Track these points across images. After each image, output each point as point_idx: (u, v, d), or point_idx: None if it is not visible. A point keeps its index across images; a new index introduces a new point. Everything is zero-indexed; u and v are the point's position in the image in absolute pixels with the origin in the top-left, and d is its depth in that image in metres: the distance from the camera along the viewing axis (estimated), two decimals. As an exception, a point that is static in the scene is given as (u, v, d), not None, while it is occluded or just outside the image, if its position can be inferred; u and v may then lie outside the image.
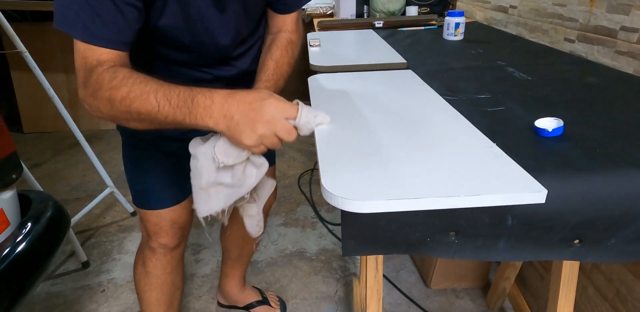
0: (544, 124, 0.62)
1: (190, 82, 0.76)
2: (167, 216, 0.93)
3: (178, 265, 1.03)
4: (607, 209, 0.52)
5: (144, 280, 1.00)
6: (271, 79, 0.75)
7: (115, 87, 0.57)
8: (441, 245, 0.54)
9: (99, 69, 0.59)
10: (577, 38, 1.10)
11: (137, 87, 0.57)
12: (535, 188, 0.46)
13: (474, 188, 0.45)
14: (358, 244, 0.54)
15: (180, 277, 1.06)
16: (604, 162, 0.53)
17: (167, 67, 0.77)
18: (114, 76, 0.58)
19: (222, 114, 0.55)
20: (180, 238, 0.98)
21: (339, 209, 0.46)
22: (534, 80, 0.87)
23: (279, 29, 0.82)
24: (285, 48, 0.79)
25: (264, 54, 0.79)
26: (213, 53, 0.76)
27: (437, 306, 1.37)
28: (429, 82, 0.86)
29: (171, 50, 0.74)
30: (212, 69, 0.80)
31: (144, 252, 0.99)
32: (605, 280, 0.96)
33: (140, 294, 1.03)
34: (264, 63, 0.77)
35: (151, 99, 0.56)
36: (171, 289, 1.04)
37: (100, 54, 0.60)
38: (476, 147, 0.56)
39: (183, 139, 0.86)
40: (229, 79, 0.83)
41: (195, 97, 0.56)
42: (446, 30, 1.30)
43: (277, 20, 0.82)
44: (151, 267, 0.98)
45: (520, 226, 0.52)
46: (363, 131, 0.62)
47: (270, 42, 0.81)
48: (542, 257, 0.55)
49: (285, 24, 0.82)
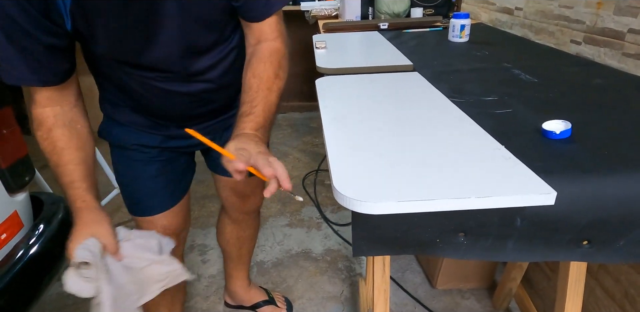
0: (551, 127, 0.62)
1: (167, 95, 0.78)
2: (159, 223, 0.93)
3: None
4: (616, 210, 0.53)
5: None
6: (256, 97, 0.69)
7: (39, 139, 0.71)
8: (450, 245, 0.54)
9: (33, 111, 0.71)
10: (584, 40, 1.10)
11: (48, 151, 0.72)
12: (545, 190, 0.46)
13: (483, 190, 0.46)
14: (368, 245, 0.55)
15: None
16: (612, 163, 0.54)
17: (139, 82, 0.75)
18: (37, 129, 0.71)
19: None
20: (175, 242, 0.95)
21: (344, 210, 0.47)
22: (540, 82, 0.87)
23: (259, 39, 0.74)
24: (267, 60, 0.72)
25: (245, 71, 0.73)
26: (171, 68, 0.73)
27: (443, 306, 1.37)
28: (435, 84, 0.87)
29: (133, 69, 0.73)
30: (181, 84, 0.77)
31: None
32: (613, 281, 0.96)
33: None
34: (246, 82, 0.71)
35: (50, 164, 0.73)
36: (171, 292, 1.00)
37: (32, 91, 0.68)
38: (485, 149, 0.56)
39: (163, 147, 0.91)
40: (205, 93, 0.80)
41: (67, 191, 0.74)
42: (452, 32, 1.31)
43: (254, 30, 0.74)
44: None
45: (529, 227, 0.53)
46: (372, 133, 0.63)
47: (250, 56, 0.74)
48: (551, 257, 0.56)
49: (263, 33, 0.74)
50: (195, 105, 0.82)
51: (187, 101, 0.80)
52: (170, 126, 0.87)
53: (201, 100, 0.82)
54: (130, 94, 0.80)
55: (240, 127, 0.66)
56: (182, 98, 0.79)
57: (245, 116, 0.67)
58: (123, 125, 0.88)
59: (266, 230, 1.77)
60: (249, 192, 1.08)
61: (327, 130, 0.65)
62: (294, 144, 2.60)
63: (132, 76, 0.74)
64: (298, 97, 3.05)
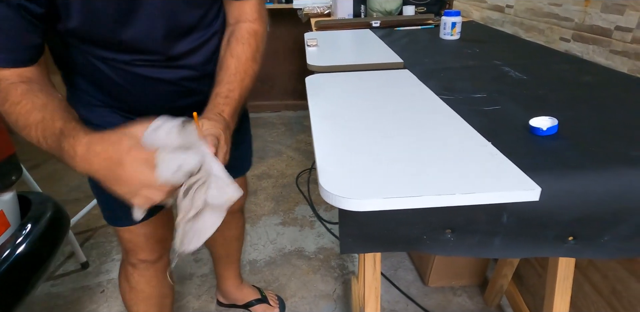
0: (538, 123, 0.62)
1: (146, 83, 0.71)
2: (141, 232, 0.87)
3: (164, 277, 0.98)
4: (601, 206, 0.53)
5: (129, 295, 0.97)
6: (234, 80, 0.67)
7: (7, 112, 0.56)
8: (438, 242, 0.55)
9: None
10: (573, 37, 1.11)
11: (22, 118, 0.55)
12: (529, 186, 0.46)
13: (469, 186, 0.46)
14: (356, 242, 0.55)
15: (168, 285, 1.02)
16: (597, 160, 0.54)
17: (115, 69, 0.70)
18: (5, 99, 0.56)
19: (85, 168, 0.50)
20: (160, 251, 0.93)
21: (337, 208, 0.47)
22: (529, 79, 0.88)
23: (237, 19, 0.72)
24: (246, 41, 0.69)
25: (223, 50, 0.70)
26: (151, 49, 0.68)
27: (435, 303, 1.38)
28: (425, 82, 0.87)
29: (109, 52, 0.67)
30: (161, 70, 0.72)
31: (125, 267, 0.94)
32: (601, 277, 0.97)
33: (127, 308, 0.99)
34: (224, 61, 0.68)
35: (32, 134, 0.55)
36: (159, 301, 1.00)
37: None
38: (471, 146, 0.57)
39: None
40: (186, 80, 0.75)
41: (62, 142, 0.52)
42: (443, 30, 1.31)
43: (234, 9, 0.72)
44: (134, 283, 0.94)
45: (516, 224, 0.53)
46: (360, 131, 0.63)
47: (228, 35, 0.71)
48: (537, 253, 0.56)
49: (243, 13, 0.72)
50: (177, 96, 0.77)
51: (168, 91, 0.75)
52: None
53: (183, 91, 0.76)
54: (106, 87, 0.73)
55: (216, 108, 0.63)
56: (163, 87, 0.74)
57: (222, 98, 0.65)
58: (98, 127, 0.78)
59: (259, 229, 1.77)
60: None
61: (316, 129, 0.64)
62: (287, 142, 2.60)
63: (108, 62, 0.68)
64: (292, 96, 3.04)
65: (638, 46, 0.89)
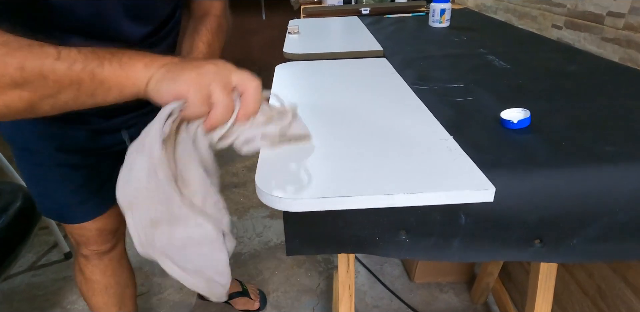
0: (509, 115, 0.58)
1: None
2: (92, 227, 0.83)
3: (120, 265, 0.94)
4: (569, 206, 0.49)
5: (84, 286, 0.93)
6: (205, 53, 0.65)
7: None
8: (391, 244, 0.51)
9: None
10: (565, 24, 1.05)
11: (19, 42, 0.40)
12: (483, 186, 0.42)
13: (415, 185, 0.41)
14: (302, 243, 0.51)
15: (126, 274, 0.97)
16: (568, 156, 0.50)
17: None
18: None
19: (156, 57, 0.43)
20: (113, 241, 0.89)
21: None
22: (513, 68, 0.82)
23: (206, 11, 0.71)
24: (216, 32, 0.68)
25: (191, 37, 0.67)
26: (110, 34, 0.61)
27: (421, 299, 1.35)
28: (401, 71, 0.82)
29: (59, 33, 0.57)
30: None
31: (78, 259, 0.91)
32: (586, 276, 0.93)
33: (86, 300, 0.96)
34: (194, 46, 0.65)
35: (47, 49, 0.41)
36: (118, 290, 0.96)
37: None
38: (431, 140, 0.52)
39: (88, 148, 0.76)
40: None
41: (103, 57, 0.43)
42: (432, 17, 1.25)
43: (203, 2, 0.71)
44: (89, 274, 0.91)
45: (475, 225, 0.49)
46: (313, 123, 0.58)
47: (197, 24, 0.69)
48: (500, 257, 0.52)
49: (212, 6, 0.71)
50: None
51: None
52: (93, 116, 0.73)
53: None
54: None
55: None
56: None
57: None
58: (35, 124, 0.70)
59: (246, 221, 1.74)
60: None
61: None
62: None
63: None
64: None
65: (630, 33, 0.83)
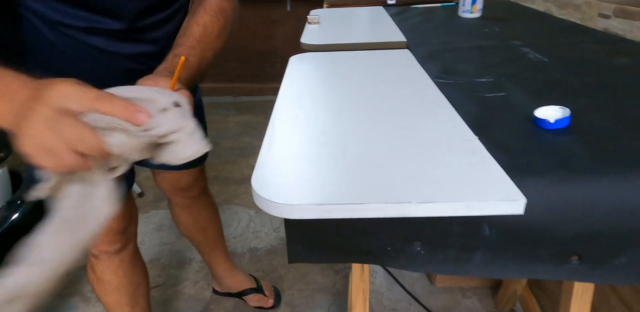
0: (545, 114, 0.51)
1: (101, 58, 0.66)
2: None
3: (132, 266, 0.93)
4: (614, 220, 0.42)
5: (96, 285, 0.93)
6: (196, 46, 0.61)
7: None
8: (405, 255, 0.46)
9: None
10: (614, 13, 0.95)
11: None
12: (512, 195, 0.36)
13: (431, 193, 0.36)
14: (305, 251, 0.47)
15: (139, 273, 0.97)
16: (613, 162, 0.43)
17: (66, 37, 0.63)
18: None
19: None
20: (123, 241, 0.88)
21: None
22: (550, 61, 0.75)
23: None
24: (215, 15, 0.65)
25: (188, 20, 0.66)
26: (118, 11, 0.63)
27: (441, 304, 1.29)
28: (424, 63, 0.76)
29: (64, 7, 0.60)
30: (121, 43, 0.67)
31: (89, 258, 0.90)
32: (630, 289, 0.85)
33: (99, 298, 0.96)
34: (188, 28, 0.63)
35: None
36: (130, 289, 0.95)
37: None
38: (452, 140, 0.46)
39: None
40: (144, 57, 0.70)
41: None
42: (462, 7, 1.17)
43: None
44: (100, 273, 0.90)
45: (500, 237, 0.43)
46: (324, 120, 0.53)
47: (196, 6, 0.67)
48: (528, 274, 0.46)
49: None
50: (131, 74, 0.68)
51: (122, 68, 0.70)
52: None
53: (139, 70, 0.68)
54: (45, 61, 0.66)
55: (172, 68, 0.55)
56: (118, 62, 0.69)
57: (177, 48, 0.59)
58: None
59: (264, 215, 1.72)
60: (192, 181, 1.02)
61: (274, 115, 0.56)
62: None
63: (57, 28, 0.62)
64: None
65: (690, 21, 0.73)
